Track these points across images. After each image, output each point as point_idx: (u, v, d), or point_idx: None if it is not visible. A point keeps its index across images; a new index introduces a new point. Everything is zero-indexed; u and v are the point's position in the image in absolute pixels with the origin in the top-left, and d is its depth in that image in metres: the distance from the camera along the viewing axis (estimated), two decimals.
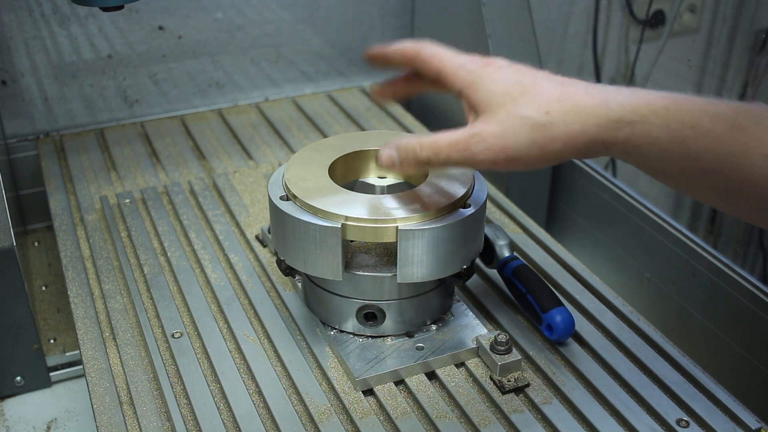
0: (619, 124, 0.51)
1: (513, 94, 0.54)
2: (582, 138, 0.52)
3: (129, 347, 0.72)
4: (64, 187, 0.96)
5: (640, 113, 0.51)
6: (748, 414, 0.64)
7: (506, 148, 0.54)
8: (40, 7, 1.03)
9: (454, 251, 0.65)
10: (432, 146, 0.57)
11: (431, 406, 0.65)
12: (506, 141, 0.54)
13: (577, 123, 0.52)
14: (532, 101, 0.53)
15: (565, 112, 0.52)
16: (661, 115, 0.50)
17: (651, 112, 0.51)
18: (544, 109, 0.53)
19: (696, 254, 0.87)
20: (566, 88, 0.54)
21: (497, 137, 0.54)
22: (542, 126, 0.53)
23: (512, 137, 0.53)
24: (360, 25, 1.21)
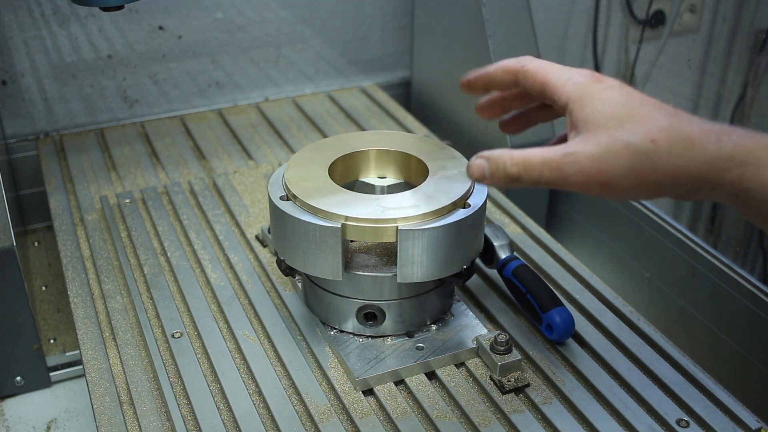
0: (729, 164, 0.48)
1: (619, 117, 0.51)
2: (686, 173, 0.49)
3: (129, 347, 0.72)
4: (64, 187, 0.96)
5: (754, 155, 0.48)
6: (748, 414, 0.64)
7: (601, 173, 0.51)
8: (40, 7, 1.03)
9: (454, 251, 0.65)
10: (524, 162, 0.53)
11: (431, 406, 0.65)
12: (602, 165, 0.50)
13: (683, 157, 0.49)
14: (638, 127, 0.50)
15: (672, 143, 0.49)
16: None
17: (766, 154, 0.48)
18: (649, 137, 0.50)
19: (696, 254, 0.87)
20: (677, 119, 0.51)
21: (593, 160, 0.51)
22: (645, 155, 0.49)
23: (610, 162, 0.50)
24: (360, 25, 1.21)
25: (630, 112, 0.51)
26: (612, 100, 0.52)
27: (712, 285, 0.86)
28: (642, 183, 0.50)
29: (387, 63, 1.25)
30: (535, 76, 0.57)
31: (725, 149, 0.49)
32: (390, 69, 1.26)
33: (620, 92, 0.53)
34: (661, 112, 0.51)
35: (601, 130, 0.51)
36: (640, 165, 0.50)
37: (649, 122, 0.51)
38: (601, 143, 0.51)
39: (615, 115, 0.51)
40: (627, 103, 0.52)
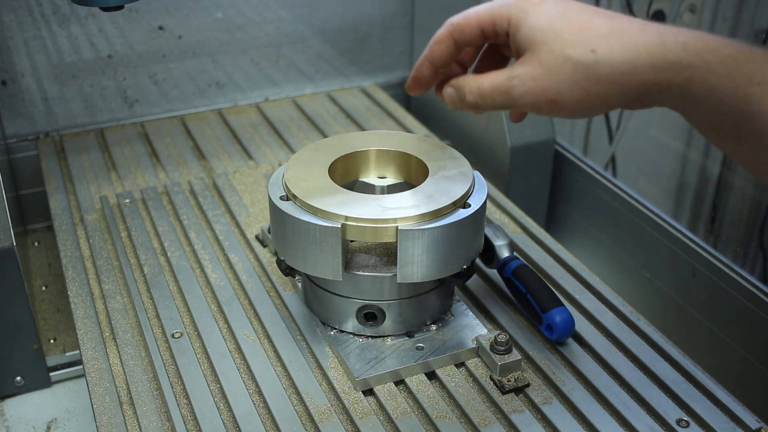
0: (676, 67, 0.46)
1: (556, 29, 0.50)
2: (632, 80, 0.47)
3: (129, 347, 0.72)
4: (64, 187, 0.96)
5: (702, 58, 0.46)
6: (748, 414, 0.64)
7: (547, 90, 0.50)
8: (40, 7, 1.03)
9: (454, 251, 0.65)
10: (478, 91, 0.54)
11: (431, 406, 0.65)
12: (547, 82, 0.49)
13: (627, 63, 0.47)
14: (576, 37, 0.49)
15: (614, 50, 0.48)
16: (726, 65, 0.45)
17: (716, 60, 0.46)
18: (589, 46, 0.48)
19: (696, 254, 0.87)
20: (617, 23, 0.49)
21: (537, 79, 0.50)
22: (586, 66, 0.48)
23: (554, 78, 0.49)
24: (360, 25, 1.21)
25: (567, 22, 0.50)
26: (547, 13, 0.51)
27: (712, 285, 0.86)
28: (588, 96, 0.49)
29: (387, 63, 1.25)
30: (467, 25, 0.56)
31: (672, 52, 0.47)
32: (390, 69, 1.26)
33: (554, 4, 0.52)
34: (599, 17, 0.50)
35: (540, 45, 0.50)
36: (583, 77, 0.49)
37: (587, 30, 0.49)
38: (542, 61, 0.50)
39: (552, 27, 0.50)
40: (564, 12, 0.51)
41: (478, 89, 0.54)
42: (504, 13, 0.53)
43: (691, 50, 0.47)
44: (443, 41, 0.57)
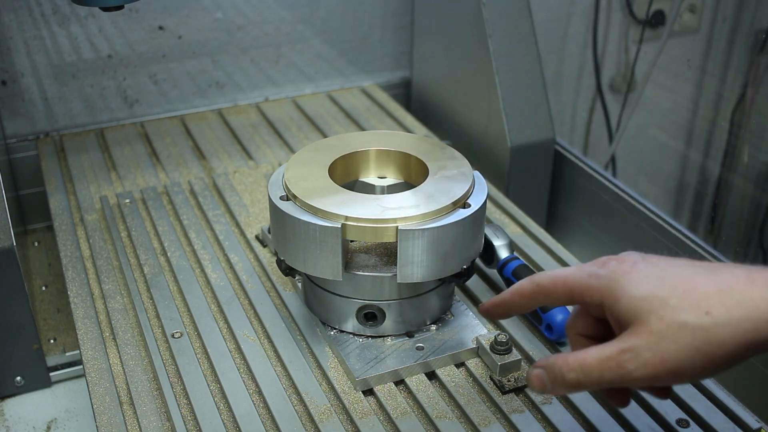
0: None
1: (660, 295, 0.47)
2: (756, 337, 0.45)
3: (129, 347, 0.72)
4: (64, 187, 0.96)
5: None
6: (748, 414, 0.64)
7: (666, 361, 0.46)
8: (40, 7, 1.03)
9: (454, 251, 0.65)
10: (581, 367, 0.49)
11: (431, 406, 0.65)
12: (665, 353, 0.46)
13: (748, 320, 0.45)
14: (685, 301, 0.46)
15: (730, 309, 0.45)
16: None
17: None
18: (703, 308, 0.46)
19: (696, 254, 0.87)
20: (722, 278, 0.47)
21: (653, 350, 0.46)
22: (705, 330, 0.45)
23: (672, 347, 0.46)
24: (360, 25, 1.21)
25: (670, 286, 0.47)
26: (646, 279, 0.48)
27: None
28: (713, 361, 0.46)
29: (387, 63, 1.25)
30: (554, 290, 0.53)
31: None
32: (390, 69, 1.26)
33: (648, 266, 0.49)
34: (700, 274, 0.47)
35: (647, 315, 0.47)
36: (704, 342, 0.46)
37: (693, 291, 0.47)
38: (654, 330, 0.47)
39: (655, 294, 0.47)
40: (661, 276, 0.48)
41: (580, 366, 0.49)
42: (595, 285, 0.50)
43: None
44: (526, 296, 0.55)
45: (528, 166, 1.03)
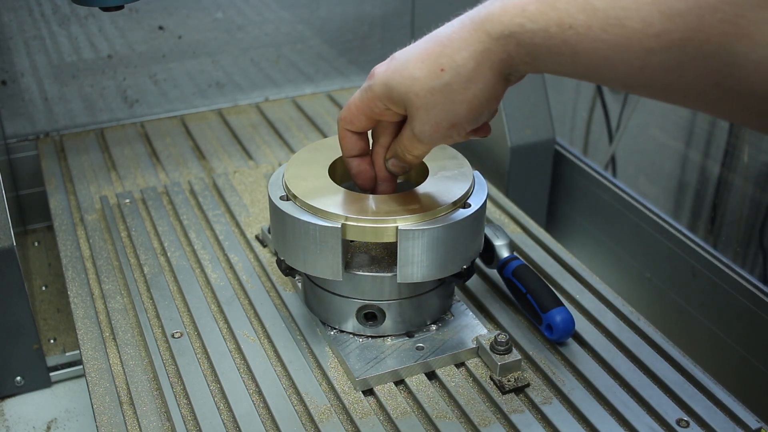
0: (503, 42, 0.51)
1: (409, 74, 0.55)
2: (483, 70, 0.52)
3: (129, 347, 0.72)
4: (64, 187, 0.96)
5: (516, 23, 0.50)
6: (748, 414, 0.64)
7: (441, 123, 0.55)
8: (40, 7, 1.03)
9: (454, 251, 0.65)
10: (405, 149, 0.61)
11: (431, 406, 0.65)
12: (435, 118, 0.55)
13: (469, 61, 0.52)
14: (423, 69, 0.54)
15: (455, 57, 0.53)
16: (536, 21, 0.49)
17: (527, 20, 0.49)
18: (436, 68, 0.54)
19: (696, 254, 0.87)
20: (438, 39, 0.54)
21: (428, 122, 0.56)
22: (447, 84, 0.53)
23: (435, 111, 0.55)
24: (360, 25, 1.21)
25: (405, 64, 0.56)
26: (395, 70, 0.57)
27: (712, 285, 0.86)
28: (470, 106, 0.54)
29: None
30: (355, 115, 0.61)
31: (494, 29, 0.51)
32: None
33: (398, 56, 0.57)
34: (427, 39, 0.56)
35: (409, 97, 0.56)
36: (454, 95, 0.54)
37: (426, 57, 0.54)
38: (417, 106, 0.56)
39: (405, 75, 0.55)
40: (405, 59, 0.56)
41: (403, 148, 0.61)
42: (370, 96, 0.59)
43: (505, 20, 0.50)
44: (345, 136, 0.64)
45: (528, 166, 1.03)
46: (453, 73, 0.53)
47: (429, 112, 0.55)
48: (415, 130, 0.58)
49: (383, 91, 0.58)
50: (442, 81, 0.54)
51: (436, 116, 0.55)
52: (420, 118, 0.56)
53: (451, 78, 0.53)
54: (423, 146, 0.59)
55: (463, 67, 0.53)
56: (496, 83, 0.53)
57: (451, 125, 0.56)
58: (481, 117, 0.56)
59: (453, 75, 0.53)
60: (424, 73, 0.54)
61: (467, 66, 0.52)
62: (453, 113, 0.55)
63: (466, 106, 0.54)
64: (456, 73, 0.53)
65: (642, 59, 0.45)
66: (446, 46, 0.53)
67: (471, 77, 0.53)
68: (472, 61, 0.52)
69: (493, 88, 0.53)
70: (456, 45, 0.53)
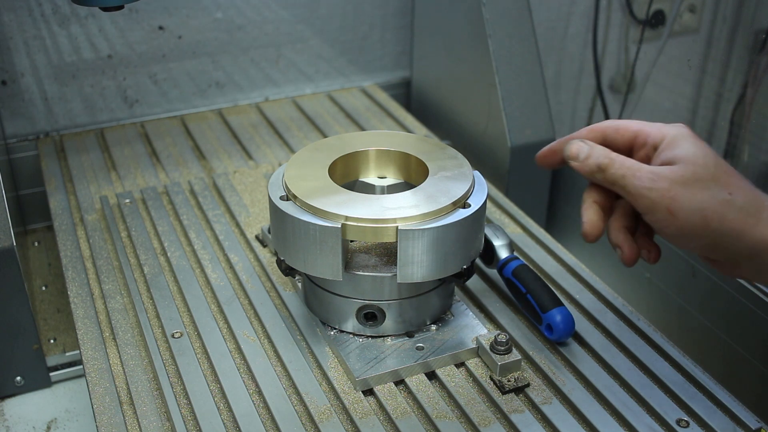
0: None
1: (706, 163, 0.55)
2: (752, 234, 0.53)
3: (129, 347, 0.72)
4: (64, 187, 0.96)
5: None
6: (748, 414, 0.64)
7: (673, 200, 0.54)
8: (40, 7, 1.03)
9: (454, 251, 0.65)
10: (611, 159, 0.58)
11: (431, 406, 0.65)
12: (676, 194, 0.54)
13: (754, 217, 0.53)
14: (720, 175, 0.54)
15: (748, 201, 0.54)
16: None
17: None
18: (728, 188, 0.54)
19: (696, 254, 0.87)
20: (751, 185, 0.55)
21: (670, 185, 0.54)
22: (719, 201, 0.54)
23: (685, 195, 0.54)
24: (360, 25, 1.21)
25: (716, 162, 0.55)
26: (704, 148, 0.56)
27: (711, 285, 0.86)
28: (706, 227, 0.54)
29: (387, 63, 1.25)
30: (626, 128, 0.60)
31: None
32: (390, 69, 1.26)
33: (709, 148, 0.57)
34: (740, 176, 0.56)
35: (687, 164, 0.55)
36: (711, 209, 0.54)
37: (728, 174, 0.55)
38: (685, 176, 0.54)
39: (705, 157, 0.55)
40: (713, 154, 0.56)
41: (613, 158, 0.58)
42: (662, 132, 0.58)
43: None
44: (596, 131, 0.61)
45: (528, 166, 1.03)
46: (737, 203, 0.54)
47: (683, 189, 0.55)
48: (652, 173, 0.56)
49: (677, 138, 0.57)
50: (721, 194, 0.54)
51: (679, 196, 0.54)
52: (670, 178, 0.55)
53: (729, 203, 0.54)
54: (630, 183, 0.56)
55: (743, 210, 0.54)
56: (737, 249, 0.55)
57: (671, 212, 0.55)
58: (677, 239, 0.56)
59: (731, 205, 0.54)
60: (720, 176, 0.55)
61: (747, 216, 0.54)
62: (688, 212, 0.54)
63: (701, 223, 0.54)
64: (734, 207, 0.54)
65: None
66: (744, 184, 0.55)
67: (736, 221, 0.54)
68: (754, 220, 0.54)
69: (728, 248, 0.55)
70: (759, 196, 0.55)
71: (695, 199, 0.54)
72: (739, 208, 0.54)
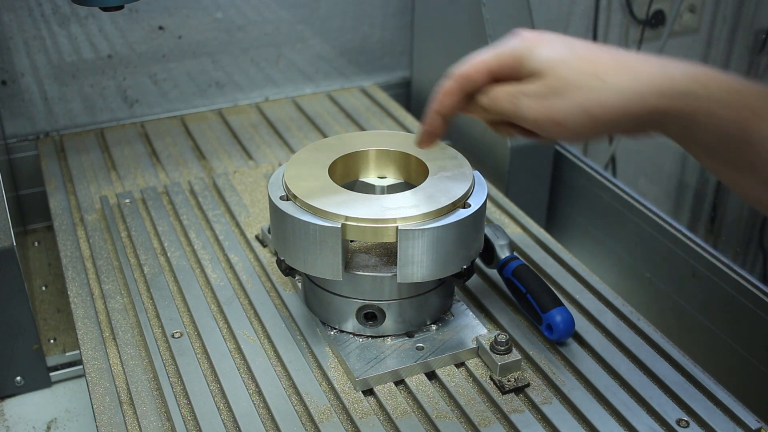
0: (680, 95, 0.49)
1: (564, 59, 0.53)
2: (639, 108, 0.50)
3: (129, 347, 0.72)
4: (64, 187, 0.96)
5: (705, 86, 0.49)
6: (748, 414, 0.64)
7: (553, 112, 0.53)
8: (40, 7, 1.03)
9: (454, 251, 0.65)
10: (492, 92, 0.57)
11: (431, 406, 0.65)
12: (554, 104, 0.53)
13: (635, 91, 0.50)
14: (584, 66, 0.52)
15: (622, 79, 0.51)
16: (726, 92, 0.48)
17: (717, 88, 0.48)
18: (598, 75, 0.52)
19: (696, 254, 0.87)
20: (622, 57, 0.53)
21: (545, 99, 0.53)
22: (596, 92, 0.51)
23: (561, 102, 0.53)
24: (360, 25, 1.21)
25: (574, 55, 0.53)
26: (553, 48, 0.55)
27: (711, 285, 0.86)
28: (595, 122, 0.52)
29: (387, 63, 1.25)
30: (477, 71, 0.57)
31: (677, 80, 0.49)
32: (390, 69, 1.26)
33: (560, 41, 0.55)
34: (604, 52, 0.53)
35: (548, 71, 0.54)
36: (592, 104, 0.52)
37: (594, 62, 0.52)
38: (550, 84, 0.53)
39: (560, 57, 0.53)
40: (570, 47, 0.54)
41: (493, 94, 0.57)
42: (508, 53, 0.56)
43: (694, 78, 0.49)
44: (453, 93, 0.59)
45: (528, 166, 1.03)
46: (609, 87, 0.51)
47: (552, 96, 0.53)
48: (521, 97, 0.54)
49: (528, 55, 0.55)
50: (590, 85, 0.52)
51: (554, 105, 0.53)
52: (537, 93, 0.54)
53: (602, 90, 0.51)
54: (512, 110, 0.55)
55: (621, 89, 0.51)
56: (629, 124, 0.52)
57: (558, 123, 0.53)
58: (585, 138, 0.54)
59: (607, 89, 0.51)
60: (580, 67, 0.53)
61: (625, 91, 0.51)
62: (572, 116, 0.52)
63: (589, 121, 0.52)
64: (611, 90, 0.51)
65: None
66: (620, 63, 0.52)
67: (619, 103, 0.51)
68: (632, 92, 0.50)
69: (624, 125, 0.52)
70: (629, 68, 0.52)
71: (573, 101, 0.52)
72: (616, 90, 0.51)
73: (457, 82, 0.58)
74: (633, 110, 0.51)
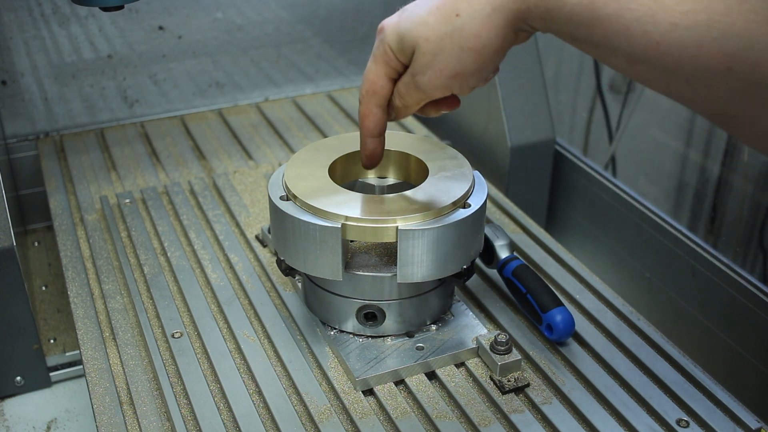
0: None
1: (420, 20, 0.56)
2: (497, 18, 0.53)
3: (129, 347, 0.72)
4: (64, 187, 0.96)
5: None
6: (748, 414, 0.64)
7: (444, 69, 0.56)
8: (40, 7, 1.03)
9: (454, 251, 0.65)
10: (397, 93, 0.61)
11: (431, 406, 0.65)
12: (440, 64, 0.56)
13: (492, 6, 0.53)
14: (439, 15, 0.55)
15: (473, 4, 0.54)
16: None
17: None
18: (452, 13, 0.54)
19: (696, 254, 0.87)
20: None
21: (431, 66, 0.56)
22: (460, 29, 0.54)
23: (442, 57, 0.56)
24: (360, 25, 1.21)
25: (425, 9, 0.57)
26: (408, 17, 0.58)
27: (711, 285, 0.86)
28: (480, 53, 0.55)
29: None
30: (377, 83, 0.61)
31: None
32: None
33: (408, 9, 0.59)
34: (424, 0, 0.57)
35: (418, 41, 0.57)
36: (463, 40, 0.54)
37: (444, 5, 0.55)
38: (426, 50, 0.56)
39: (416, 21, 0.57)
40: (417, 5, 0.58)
41: (397, 92, 0.61)
42: (386, 51, 0.60)
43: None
44: (371, 113, 0.63)
45: (528, 166, 1.03)
46: (468, 18, 0.54)
47: (435, 57, 0.56)
48: (415, 76, 0.58)
49: (394, 40, 0.59)
50: (454, 26, 0.54)
51: (441, 62, 0.56)
52: (424, 63, 0.57)
53: (464, 23, 0.54)
54: (418, 93, 0.59)
55: (478, 13, 0.53)
56: (506, 35, 0.54)
57: (455, 74, 0.56)
58: (484, 70, 0.56)
59: (467, 20, 0.54)
60: (438, 19, 0.55)
61: (483, 11, 0.53)
62: (459, 61, 0.55)
63: (474, 55, 0.55)
64: (470, 18, 0.54)
65: (662, 33, 0.46)
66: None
67: (484, 24, 0.54)
68: (489, 7, 0.53)
69: (503, 39, 0.54)
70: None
71: (452, 49, 0.55)
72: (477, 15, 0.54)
73: (368, 102, 0.62)
74: (494, 24, 0.53)
